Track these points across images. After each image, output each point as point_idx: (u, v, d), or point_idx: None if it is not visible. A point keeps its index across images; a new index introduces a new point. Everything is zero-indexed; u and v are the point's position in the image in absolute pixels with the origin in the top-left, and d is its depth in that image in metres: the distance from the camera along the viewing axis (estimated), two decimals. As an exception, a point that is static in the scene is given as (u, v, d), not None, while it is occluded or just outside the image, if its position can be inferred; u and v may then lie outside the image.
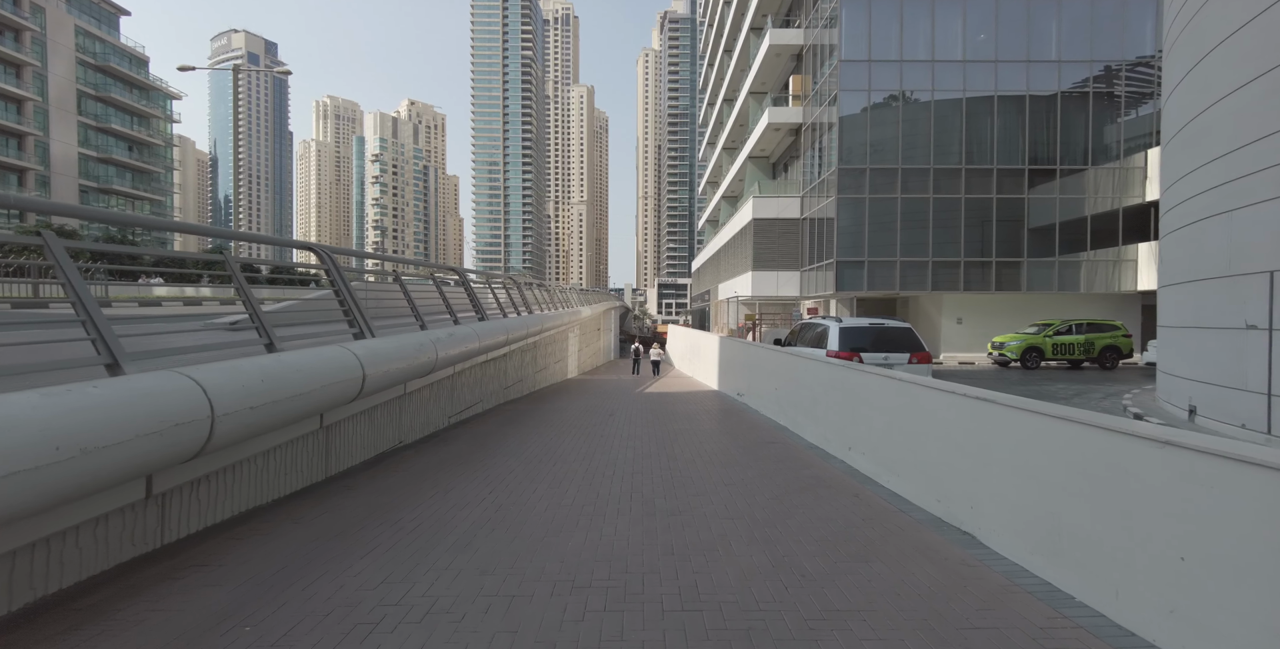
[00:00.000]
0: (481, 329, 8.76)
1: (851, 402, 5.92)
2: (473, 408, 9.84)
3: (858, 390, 5.76)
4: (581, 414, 9.96)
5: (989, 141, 20.33)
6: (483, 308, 10.21)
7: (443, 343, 6.93)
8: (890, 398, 5.05)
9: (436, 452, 6.69)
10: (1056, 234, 20.39)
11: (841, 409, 6.19)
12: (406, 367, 5.88)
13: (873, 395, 5.43)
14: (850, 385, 5.94)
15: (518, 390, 13.33)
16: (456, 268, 10.04)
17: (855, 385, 5.83)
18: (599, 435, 7.67)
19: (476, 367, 10.22)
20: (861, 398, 5.69)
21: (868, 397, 5.54)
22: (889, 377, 5.07)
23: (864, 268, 20.55)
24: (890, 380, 5.04)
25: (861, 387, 5.68)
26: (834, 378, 6.38)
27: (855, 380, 5.83)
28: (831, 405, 6.51)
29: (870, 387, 5.47)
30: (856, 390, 5.79)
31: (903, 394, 4.81)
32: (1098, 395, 12.39)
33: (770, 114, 24.43)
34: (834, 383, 6.40)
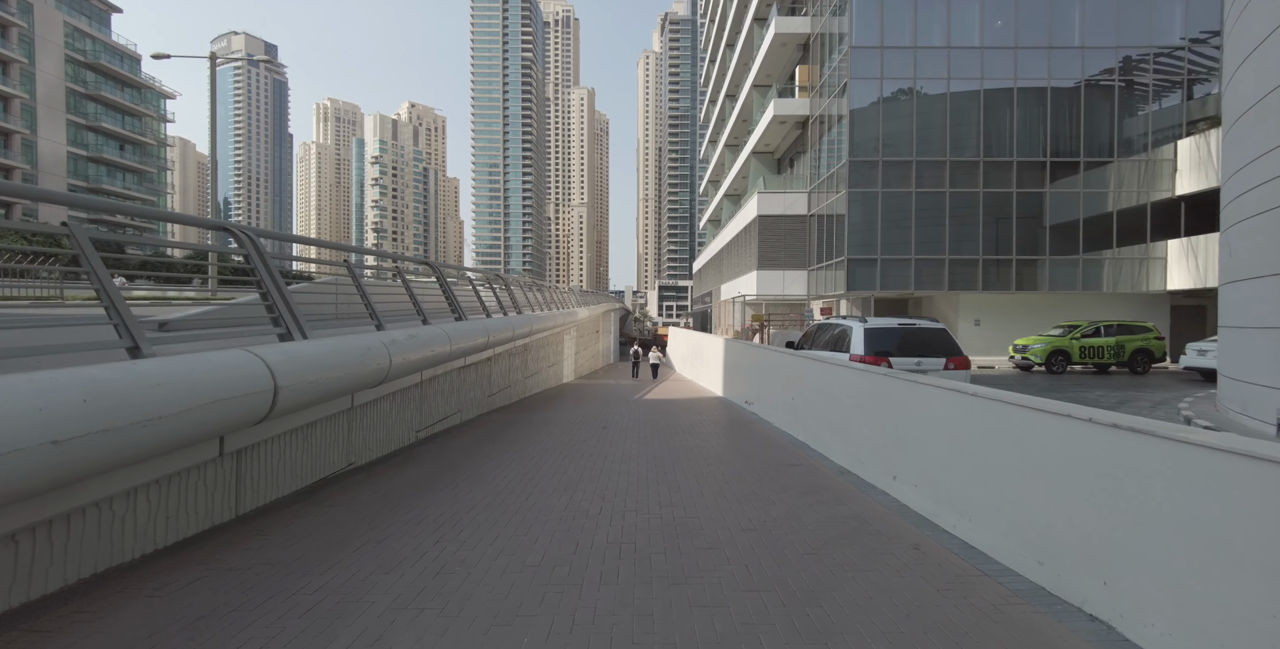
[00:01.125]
0: (455, 330, 7.65)
1: (897, 418, 4.79)
2: (448, 419, 8.72)
3: (906, 405, 4.62)
4: (572, 426, 8.84)
5: (1008, 132, 19.22)
6: (460, 307, 9.10)
7: (400, 346, 5.82)
8: (957, 417, 3.91)
9: (391, 477, 5.56)
10: (1080, 230, 19.26)
11: (882, 427, 5.06)
12: (346, 375, 4.75)
13: (927, 412, 4.30)
14: (895, 398, 4.81)
15: (504, 398, 12.21)
16: (430, 261, 8.93)
17: (902, 399, 4.69)
18: (588, 455, 6.54)
19: (454, 373, 9.10)
20: (911, 414, 4.55)
21: (920, 413, 4.41)
22: (955, 389, 3.93)
23: (876, 266, 19.42)
24: (957, 395, 3.91)
25: (911, 400, 4.54)
26: (872, 389, 5.25)
27: (902, 392, 4.70)
28: (867, 422, 5.38)
29: (924, 401, 4.34)
30: (904, 405, 4.65)
31: (977, 413, 3.67)
32: (1144, 403, 11.24)
33: (776, 106, 23.33)
34: (872, 394, 5.26)
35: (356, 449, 6.06)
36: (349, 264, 6.26)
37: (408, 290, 7.64)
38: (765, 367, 9.73)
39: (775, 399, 8.94)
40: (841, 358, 8.29)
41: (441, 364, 7.73)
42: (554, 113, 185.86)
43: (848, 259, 19.43)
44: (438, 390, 8.37)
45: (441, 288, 9.05)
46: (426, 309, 8.70)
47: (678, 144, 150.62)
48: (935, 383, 4.20)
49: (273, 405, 3.84)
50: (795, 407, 7.75)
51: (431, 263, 8.96)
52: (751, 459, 6.33)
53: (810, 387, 7.13)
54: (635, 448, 6.98)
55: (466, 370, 9.69)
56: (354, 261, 6.50)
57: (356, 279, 6.22)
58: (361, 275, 6.79)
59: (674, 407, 11.91)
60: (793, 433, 7.75)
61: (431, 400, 8.13)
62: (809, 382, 7.19)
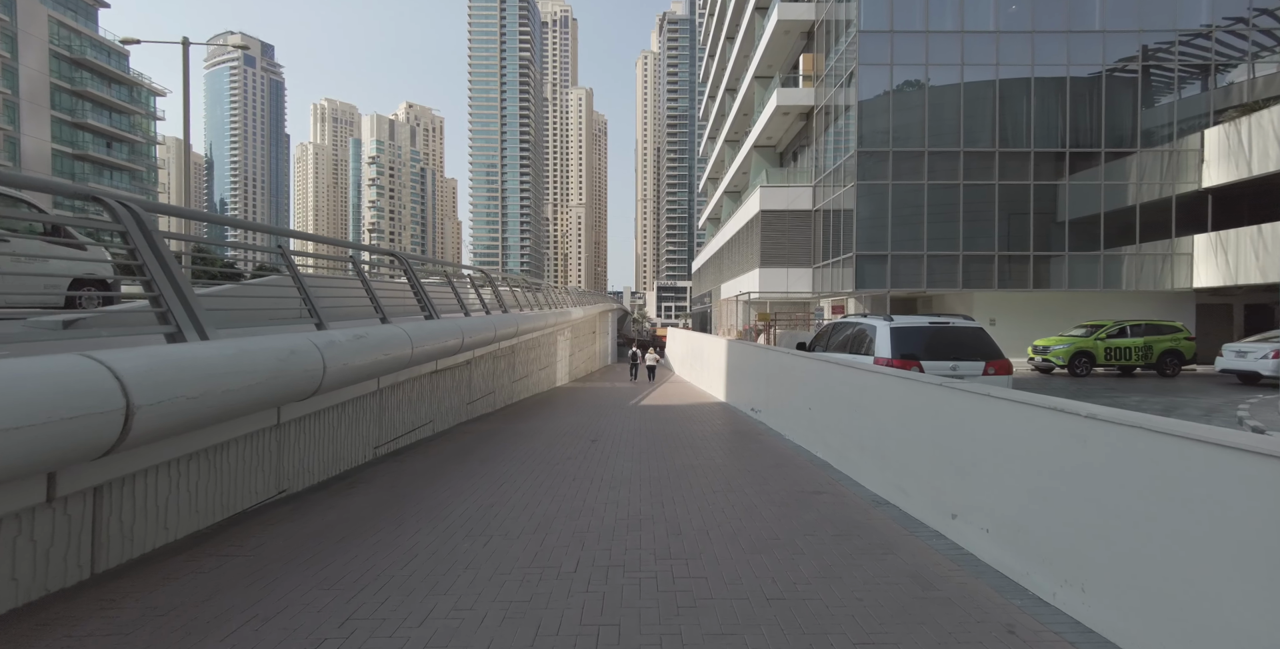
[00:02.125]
0: (421, 331, 6.61)
1: (957, 441, 3.76)
2: (417, 431, 7.69)
3: (972, 425, 3.60)
4: (558, 439, 7.81)
5: (1024, 122, 18.23)
6: (432, 305, 8.07)
7: (341, 349, 4.79)
8: (1056, 445, 2.89)
9: (324, 510, 4.53)
10: (1101, 225, 18.26)
11: (935, 450, 4.03)
12: (257, 385, 3.72)
13: (1005, 435, 3.28)
14: (956, 416, 3.78)
15: (487, 405, 11.18)
16: (396, 252, 7.90)
17: (967, 417, 3.67)
18: (572, 478, 5.51)
19: (424, 378, 8.07)
20: (979, 437, 3.53)
21: (993, 436, 3.38)
22: (1054, 408, 2.91)
23: (886, 263, 18.40)
24: (1055, 415, 2.88)
25: (980, 419, 3.52)
26: (922, 402, 4.22)
27: (967, 409, 3.67)
28: (914, 443, 4.35)
29: (1000, 421, 3.31)
30: (969, 425, 3.63)
31: (1093, 442, 2.65)
32: (1192, 410, 10.23)
33: (779, 96, 22.32)
34: (921, 409, 4.24)
35: (290, 473, 5.03)
36: (284, 251, 5.22)
37: (364, 284, 6.60)
38: (775, 371, 8.71)
39: (787, 408, 7.92)
40: (864, 361, 7.27)
41: (404, 369, 6.70)
42: (552, 113, 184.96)
43: (856, 255, 18.41)
44: (403, 399, 7.34)
45: (410, 283, 8.02)
46: (391, 307, 7.68)
47: (676, 144, 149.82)
48: (1018, 398, 3.17)
49: (124, 431, 2.80)
50: (813, 418, 6.73)
51: (398, 254, 7.93)
52: (766, 484, 5.30)
53: (834, 396, 6.11)
54: (628, 468, 5.95)
55: (441, 376, 8.67)
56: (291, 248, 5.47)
57: (292, 267, 5.19)
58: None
59: (673, 414, 10.88)
60: (810, 449, 6.73)
61: (395, 411, 7.09)
62: (832, 390, 6.16)
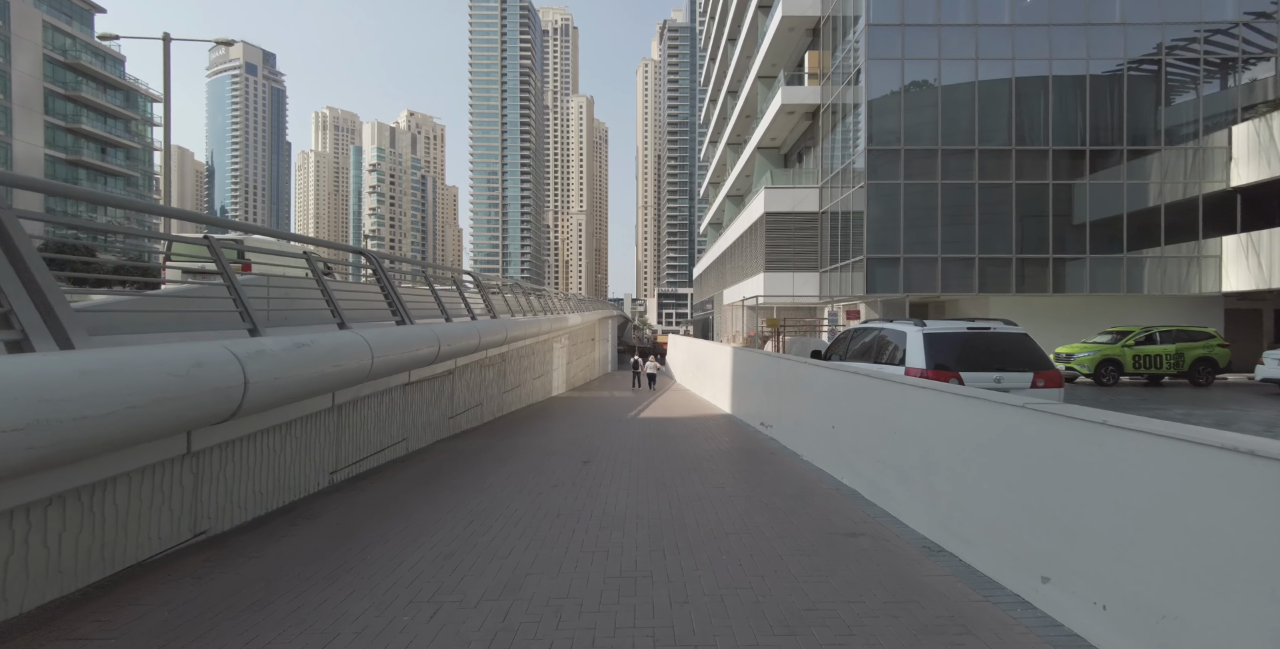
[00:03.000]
0: (385, 338, 5.74)
1: (1054, 484, 2.87)
2: (385, 451, 6.80)
3: (1080, 465, 2.71)
4: (546, 459, 6.91)
5: (1042, 118, 17.42)
6: (406, 309, 7.21)
7: (271, 361, 3.91)
8: (1233, 511, 2.00)
9: (245, 562, 3.64)
10: (1124, 226, 17.39)
11: (1014, 491, 3.14)
12: (125, 412, 2.83)
13: (1135, 481, 2.39)
14: (1050, 450, 2.90)
15: (473, 418, 10.28)
16: (365, 251, 7.05)
17: (1070, 452, 2.78)
18: (554, 515, 4.61)
19: (398, 391, 7.20)
20: (1090, 482, 2.64)
21: (1115, 483, 2.50)
22: (1226, 447, 2.02)
23: (899, 266, 17.52)
24: (1225, 456, 2.00)
25: (1097, 458, 2.63)
26: (994, 428, 3.33)
27: (1070, 442, 2.79)
28: (978, 478, 3.46)
29: (1131, 460, 2.43)
30: (1075, 465, 2.74)
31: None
32: (1249, 425, 9.31)
33: (784, 94, 21.56)
34: (995, 438, 3.35)
35: (212, 510, 4.14)
36: (209, 241, 4.36)
37: (319, 284, 5.74)
38: (789, 383, 7.82)
39: (804, 424, 7.02)
40: (892, 373, 6.38)
41: (366, 382, 5.82)
42: (553, 121, 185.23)
43: (867, 258, 17.53)
44: (369, 416, 6.46)
45: (380, 284, 7.16)
46: (362, 311, 6.83)
47: (677, 151, 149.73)
48: (1166, 432, 2.28)
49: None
50: (837, 439, 5.84)
51: (366, 252, 7.07)
52: (788, 522, 4.40)
53: (864, 414, 5.22)
54: (623, 500, 5.05)
55: (417, 388, 7.79)
56: (210, 237, 4.63)
57: (220, 262, 4.33)
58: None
59: (675, 428, 9.98)
60: (834, 474, 5.83)
61: (357, 430, 6.21)
62: (863, 407, 5.28)
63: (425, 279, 8.77)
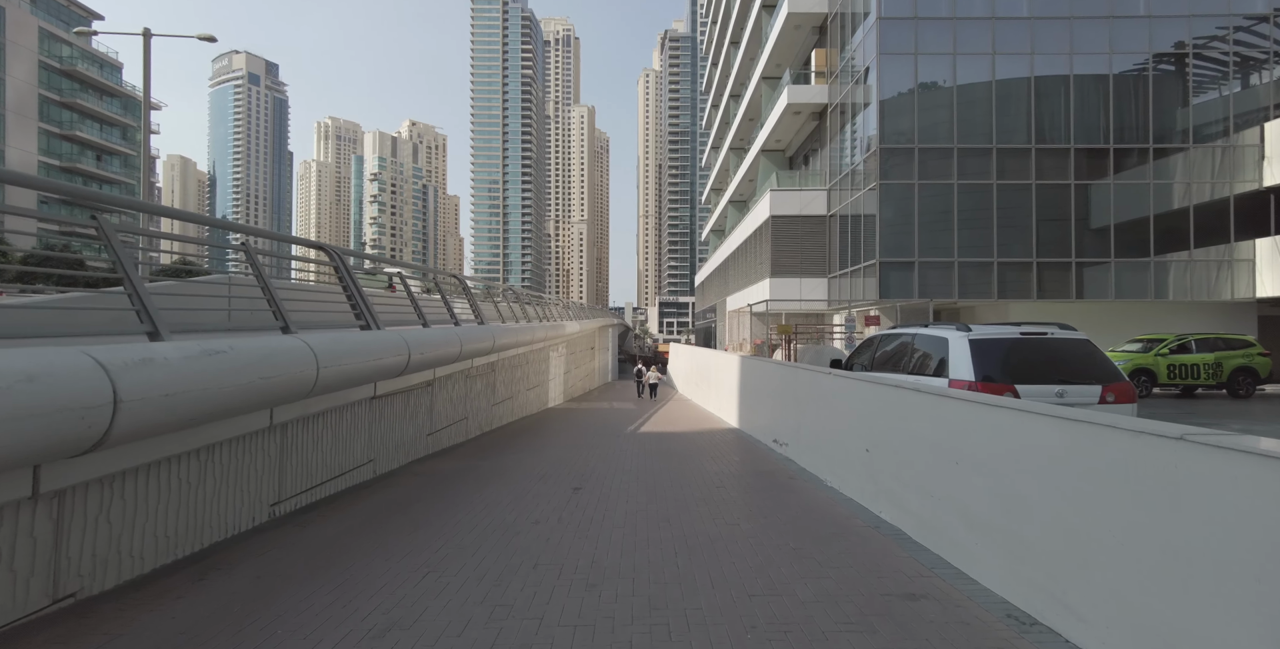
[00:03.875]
0: (336, 346, 4.84)
1: (1239, 546, 1.94)
2: (348, 475, 5.88)
3: None
4: (529, 487, 5.98)
5: (1063, 116, 16.60)
6: (372, 313, 6.32)
7: (153, 372, 3.01)
8: None
9: (103, 644, 2.71)
10: (1150, 229, 16.51)
11: (1168, 551, 2.21)
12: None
13: None
14: (1240, 503, 1.97)
15: (457, 433, 9.36)
16: (325, 245, 6.17)
17: (1263, 505, 1.85)
18: (529, 566, 3.68)
19: (362, 405, 6.30)
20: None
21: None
22: None
23: (913, 270, 16.64)
24: None
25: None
26: (1146, 472, 2.41)
27: (1260, 489, 1.86)
28: (1097, 529, 2.53)
29: None
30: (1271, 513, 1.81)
31: None
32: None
33: (790, 93, 20.81)
34: (1143, 485, 2.42)
35: (84, 565, 3.21)
36: (100, 225, 3.47)
37: (259, 280, 4.85)
38: (809, 395, 6.90)
39: (829, 444, 6.10)
40: (931, 384, 5.46)
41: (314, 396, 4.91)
42: (554, 130, 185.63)
43: (880, 262, 16.64)
44: (324, 434, 5.55)
45: (344, 285, 6.27)
46: (329, 316, 5.96)
47: (678, 160, 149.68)
48: None
49: None
50: (872, 463, 4.91)
51: (327, 247, 6.19)
52: (827, 578, 3.46)
53: (911, 436, 4.30)
54: (617, 543, 4.12)
55: (388, 401, 6.89)
56: (100, 216, 3.75)
57: (110, 245, 3.45)
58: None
59: (679, 445, 9.05)
60: (870, 506, 4.89)
61: (307, 452, 5.29)
62: (908, 427, 4.35)
63: (401, 280, 7.89)
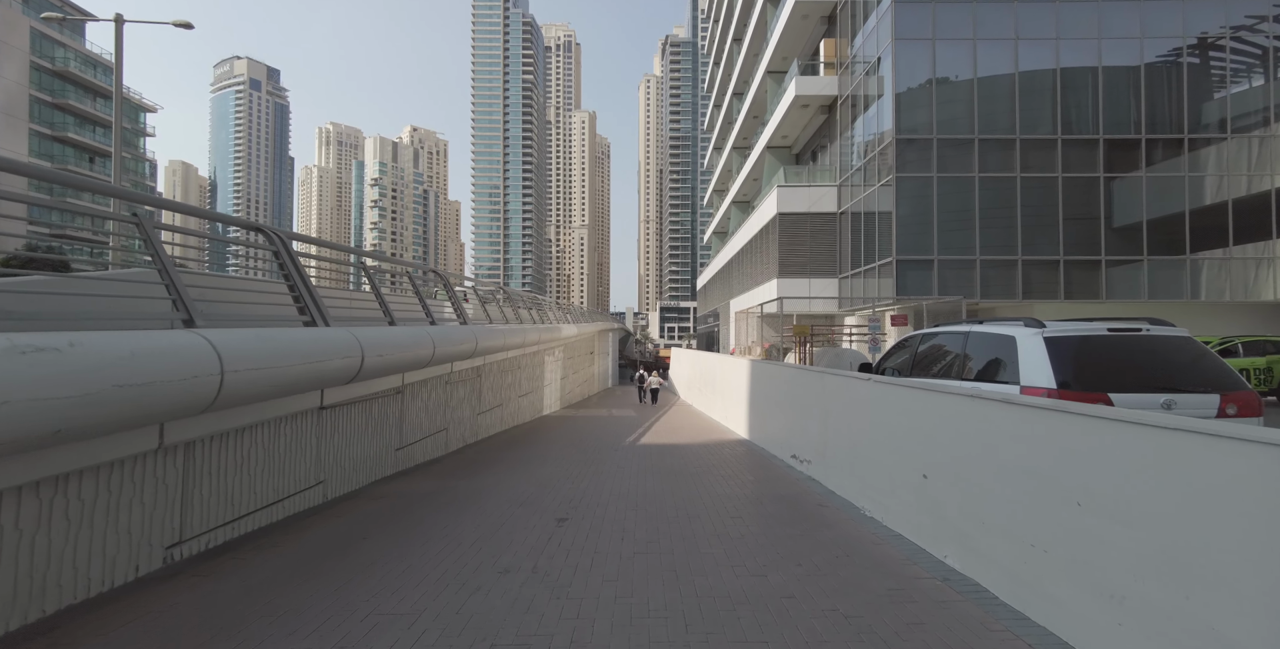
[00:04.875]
0: (256, 346, 3.78)
1: None
2: (288, 501, 4.81)
3: None
4: (504, 517, 4.91)
5: (1091, 103, 15.59)
6: (320, 307, 5.28)
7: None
8: None
9: None
10: (1186, 225, 15.45)
11: None
12: None
13: None
14: None
15: (434, 447, 8.30)
16: (263, 226, 5.14)
17: None
18: (480, 645, 2.61)
19: (306, 417, 5.25)
20: None
21: None
22: None
23: (932, 269, 15.58)
24: None
25: None
26: None
27: None
28: None
29: None
30: None
31: None
32: None
33: (798, 85, 19.82)
34: None
35: None
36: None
37: (156, 258, 3.81)
38: (838, 405, 5.84)
39: (866, 466, 5.04)
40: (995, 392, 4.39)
41: (209, 410, 3.85)
42: (555, 136, 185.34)
43: (896, 261, 15.60)
44: (249, 453, 4.49)
45: (284, 270, 5.23)
46: (230, 306, 4.94)
47: (679, 165, 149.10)
48: None
49: None
50: (932, 493, 3.84)
51: (265, 229, 5.16)
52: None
53: (999, 464, 3.23)
54: (607, 608, 3.04)
55: (342, 412, 5.84)
56: None
57: None
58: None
59: (683, 461, 7.98)
60: (931, 549, 3.81)
61: (223, 476, 4.23)
62: (999, 452, 3.28)
63: (364, 271, 6.84)
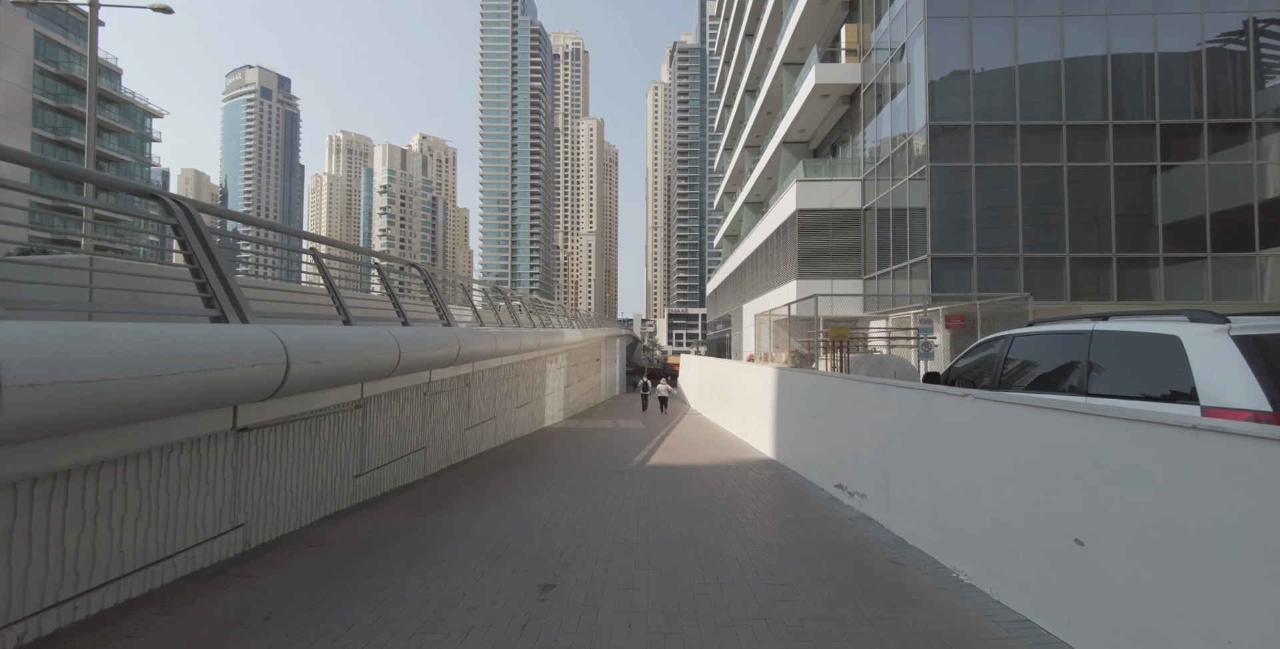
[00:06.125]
0: (73, 343, 2.50)
1: None
2: (179, 559, 3.48)
3: None
4: (467, 579, 3.55)
5: (1145, 86, 14.22)
6: (237, 296, 4.00)
7: None
8: None
9: None
10: (1255, 218, 13.99)
11: None
12: None
13: None
14: None
15: (408, 470, 6.99)
16: (157, 191, 3.88)
17: None
18: None
19: (214, 442, 3.95)
20: None
21: None
22: None
23: (971, 267, 14.18)
24: None
25: None
26: None
27: None
28: None
29: None
30: None
31: None
32: None
33: (818, 73, 18.56)
34: None
35: None
36: None
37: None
38: (917, 429, 4.49)
39: (965, 513, 3.67)
40: (1151, 412, 3.02)
41: (69, 432, 2.55)
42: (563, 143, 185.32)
43: (931, 259, 14.22)
44: (110, 498, 3.18)
45: (189, 251, 3.97)
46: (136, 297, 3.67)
47: (687, 172, 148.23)
48: None
49: None
50: (1095, 569, 2.48)
51: (164, 195, 3.90)
52: None
53: (1240, 542, 1.86)
54: None
55: (279, 433, 4.54)
56: None
57: None
58: None
59: (702, 490, 6.62)
60: None
61: (69, 531, 2.92)
62: (1245, 519, 1.91)
63: (316, 260, 5.57)
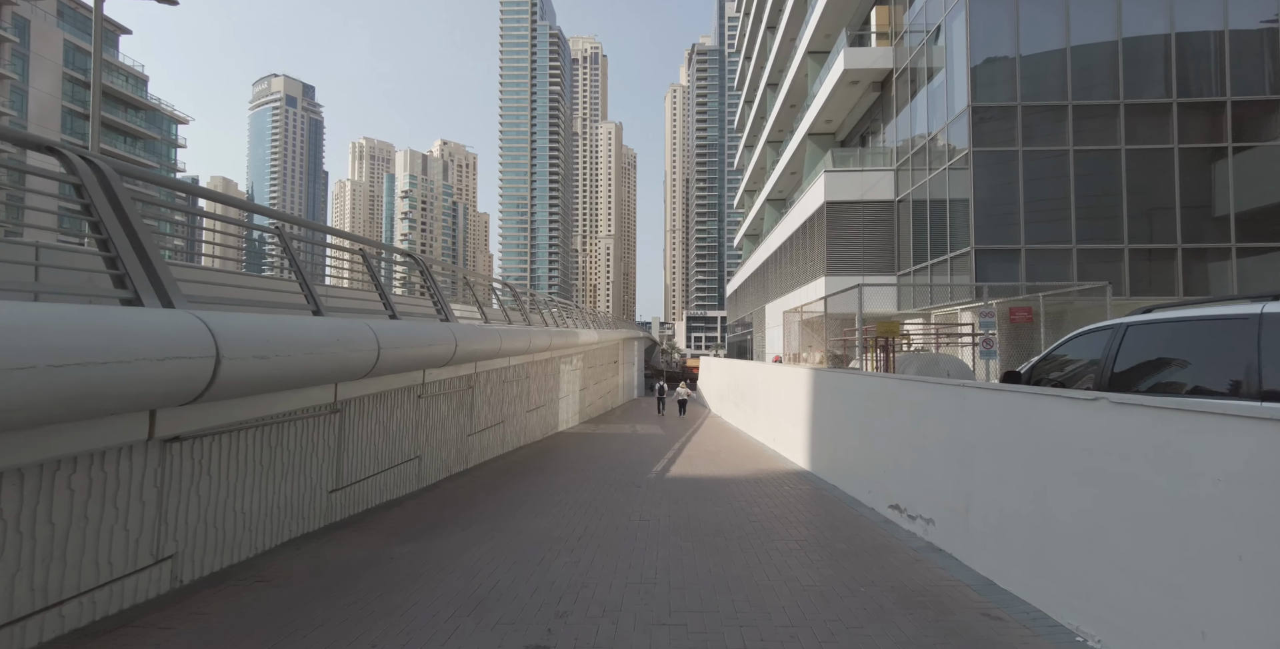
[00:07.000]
0: None
1: None
2: (84, 599, 2.68)
3: None
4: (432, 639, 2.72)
5: (1210, 62, 13.00)
6: (161, 274, 3.24)
7: None
8: None
9: None
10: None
11: None
12: None
13: None
14: None
15: (394, 484, 6.20)
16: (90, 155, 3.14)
17: None
18: None
19: (124, 455, 3.14)
20: None
21: None
22: None
23: (1019, 260, 13.06)
24: None
25: None
26: None
27: None
28: None
29: None
30: None
31: None
32: None
33: (847, 58, 17.55)
34: None
35: None
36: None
37: None
38: (1012, 444, 3.55)
39: (1091, 558, 2.72)
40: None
41: None
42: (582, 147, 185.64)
43: (975, 251, 13.13)
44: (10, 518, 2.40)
45: (94, 217, 3.23)
46: None
47: (705, 174, 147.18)
48: None
49: None
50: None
51: (63, 149, 3.16)
52: None
53: None
54: None
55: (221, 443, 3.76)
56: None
57: None
58: None
59: (730, 511, 5.72)
60: None
61: None
62: None
63: (280, 240, 4.81)
